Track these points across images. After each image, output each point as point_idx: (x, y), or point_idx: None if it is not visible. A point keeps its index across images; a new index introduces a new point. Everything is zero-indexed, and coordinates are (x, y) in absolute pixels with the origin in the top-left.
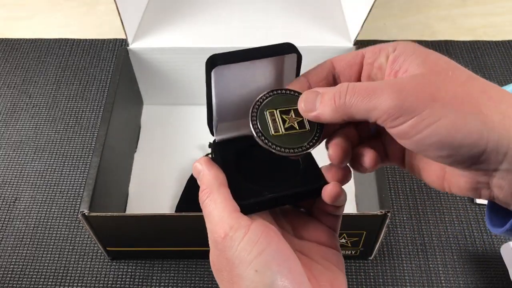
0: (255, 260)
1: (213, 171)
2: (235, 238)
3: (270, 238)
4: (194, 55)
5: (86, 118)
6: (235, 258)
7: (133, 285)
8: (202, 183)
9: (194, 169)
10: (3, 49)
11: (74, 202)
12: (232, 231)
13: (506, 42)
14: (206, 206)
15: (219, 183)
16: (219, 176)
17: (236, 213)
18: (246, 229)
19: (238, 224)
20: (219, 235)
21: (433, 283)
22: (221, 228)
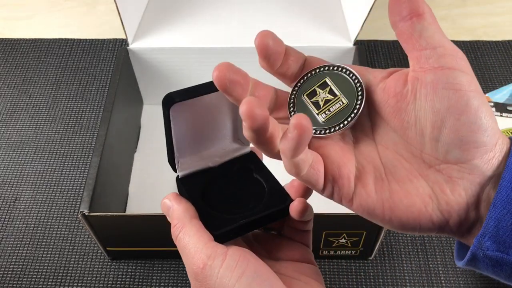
0: (237, 284)
1: (182, 205)
2: (214, 266)
3: (248, 261)
4: (194, 55)
5: (86, 118)
6: (217, 286)
7: (133, 285)
8: (172, 218)
9: (162, 206)
10: (3, 49)
11: (74, 202)
12: (210, 260)
13: (506, 42)
14: (180, 240)
15: (190, 216)
16: (189, 209)
17: (211, 242)
18: (223, 256)
19: (215, 253)
20: (197, 266)
21: (433, 283)
22: (199, 259)
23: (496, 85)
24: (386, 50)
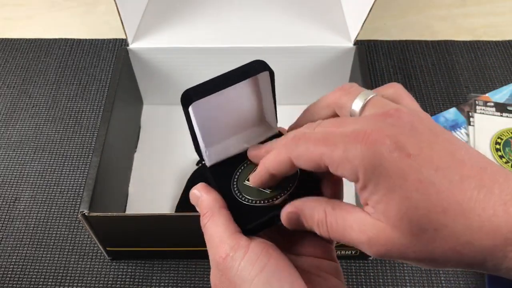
0: (256, 278)
1: (212, 195)
2: (235, 258)
3: (269, 255)
4: (194, 55)
5: (86, 118)
6: (236, 278)
7: (133, 285)
8: (202, 207)
9: (192, 196)
10: (3, 49)
11: (74, 202)
12: (232, 251)
13: (506, 42)
14: (207, 229)
15: (219, 205)
16: (218, 199)
17: (237, 234)
18: (246, 248)
19: (238, 244)
20: (220, 256)
21: (433, 283)
22: (222, 249)
23: (496, 85)
24: (386, 50)
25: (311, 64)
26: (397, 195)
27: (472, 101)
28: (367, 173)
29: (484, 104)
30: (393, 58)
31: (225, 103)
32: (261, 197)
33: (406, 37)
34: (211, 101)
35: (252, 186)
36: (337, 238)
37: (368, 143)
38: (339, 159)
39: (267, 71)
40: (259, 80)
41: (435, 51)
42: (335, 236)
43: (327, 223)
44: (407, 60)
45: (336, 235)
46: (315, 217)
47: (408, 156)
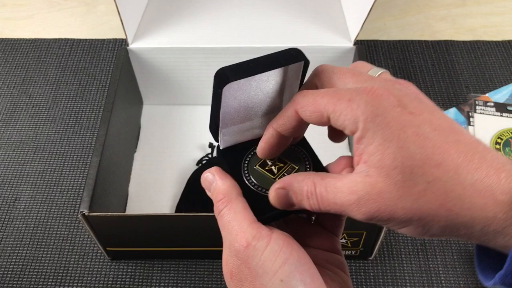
0: (280, 270)
1: (228, 181)
2: (258, 247)
3: (291, 248)
4: (194, 55)
5: (86, 118)
6: (258, 268)
7: (133, 285)
8: (217, 193)
9: (204, 180)
10: (3, 49)
11: (74, 202)
12: (254, 241)
13: (506, 42)
14: (223, 216)
15: (236, 192)
16: (235, 186)
17: (256, 223)
18: (268, 238)
19: (260, 234)
20: (241, 244)
21: (433, 283)
22: (243, 238)
23: (496, 85)
24: (386, 50)
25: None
26: (394, 144)
27: (472, 101)
28: (367, 121)
29: (484, 104)
30: (393, 58)
31: (253, 87)
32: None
33: (406, 37)
34: (243, 84)
35: (263, 172)
36: (327, 207)
37: (373, 96)
38: (343, 108)
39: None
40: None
41: (435, 51)
42: (326, 205)
43: (316, 193)
44: (407, 60)
45: (326, 204)
46: (304, 190)
47: (410, 113)
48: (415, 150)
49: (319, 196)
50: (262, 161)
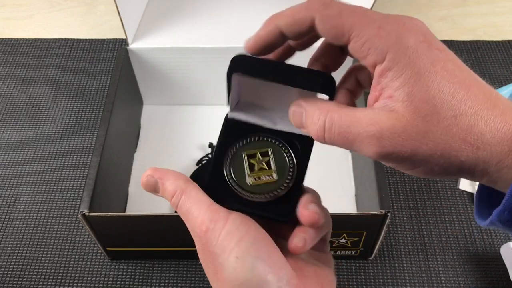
0: (235, 248)
1: (171, 174)
2: (215, 229)
3: (248, 227)
4: (194, 55)
5: (86, 118)
6: (217, 249)
7: (133, 285)
8: (167, 191)
9: (146, 184)
10: (3, 49)
11: (74, 202)
12: (212, 224)
13: (506, 42)
14: (181, 207)
15: (184, 180)
16: (181, 176)
17: (214, 205)
18: (225, 219)
19: (217, 216)
20: (200, 229)
21: (433, 283)
22: (202, 223)
23: (496, 85)
24: None
25: None
26: (425, 78)
27: None
28: (398, 53)
29: None
30: None
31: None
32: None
33: None
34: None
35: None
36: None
37: (404, 28)
38: (371, 34)
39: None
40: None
41: None
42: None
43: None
44: None
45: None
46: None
47: (436, 48)
48: (444, 84)
49: (329, 122)
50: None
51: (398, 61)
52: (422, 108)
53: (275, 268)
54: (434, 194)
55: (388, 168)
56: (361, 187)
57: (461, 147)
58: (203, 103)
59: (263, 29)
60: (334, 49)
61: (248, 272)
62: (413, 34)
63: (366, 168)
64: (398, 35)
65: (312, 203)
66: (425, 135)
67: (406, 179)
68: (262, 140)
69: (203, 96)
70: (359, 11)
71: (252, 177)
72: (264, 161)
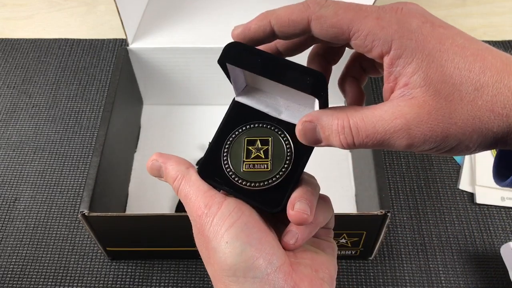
0: (226, 233)
1: (174, 159)
2: (209, 214)
3: (241, 212)
4: (194, 55)
5: (86, 118)
6: (209, 233)
7: (133, 285)
8: (169, 175)
9: (151, 168)
10: (3, 49)
11: (74, 202)
12: (206, 208)
13: (506, 42)
14: (182, 191)
15: (185, 166)
16: (182, 161)
17: (210, 191)
18: (219, 205)
19: (212, 201)
20: (196, 214)
21: (433, 283)
22: (198, 207)
23: None
24: None
25: None
26: (437, 58)
27: None
28: (403, 39)
29: None
30: None
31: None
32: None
33: None
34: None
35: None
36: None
37: (402, 13)
38: (371, 26)
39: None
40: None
41: None
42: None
43: (351, 125)
44: None
45: (365, 135)
46: (334, 124)
47: (440, 26)
48: (458, 60)
49: (354, 128)
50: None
51: (406, 47)
52: (442, 89)
53: (265, 254)
54: (434, 194)
55: (388, 168)
56: (361, 187)
57: (491, 118)
58: (203, 103)
59: (255, 22)
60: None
61: (237, 257)
62: (413, 18)
63: (366, 168)
64: (399, 22)
65: (301, 201)
66: (451, 115)
67: (406, 179)
68: (265, 127)
69: (203, 96)
70: (354, 7)
71: (246, 164)
72: (262, 149)
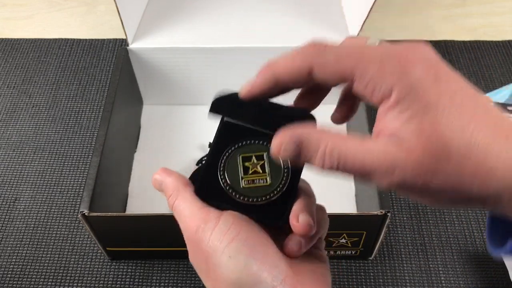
0: (227, 247)
1: (174, 175)
2: (206, 229)
3: (240, 226)
4: (194, 55)
5: (86, 118)
6: (208, 248)
7: (133, 285)
8: (167, 190)
9: (154, 182)
10: (3, 49)
11: (74, 202)
12: (203, 223)
13: (506, 42)
14: (176, 207)
15: (183, 183)
16: (181, 178)
17: (206, 207)
18: (216, 220)
19: (208, 216)
20: (192, 229)
21: (433, 283)
22: (193, 223)
23: (496, 85)
24: None
25: None
26: (433, 114)
27: None
28: (404, 88)
29: None
30: None
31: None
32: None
33: (406, 37)
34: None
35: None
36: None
37: (406, 61)
38: (373, 73)
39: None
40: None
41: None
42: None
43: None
44: None
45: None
46: (321, 146)
47: (442, 80)
48: (453, 119)
49: (343, 155)
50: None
51: (404, 97)
52: (430, 145)
53: (269, 267)
54: None
55: None
56: (361, 187)
57: (473, 181)
58: (203, 103)
59: (260, 77)
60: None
61: (241, 271)
62: (417, 67)
63: None
64: (401, 71)
65: (303, 213)
66: (435, 172)
67: None
68: (257, 143)
69: (203, 96)
70: (356, 52)
71: (245, 180)
72: (258, 164)
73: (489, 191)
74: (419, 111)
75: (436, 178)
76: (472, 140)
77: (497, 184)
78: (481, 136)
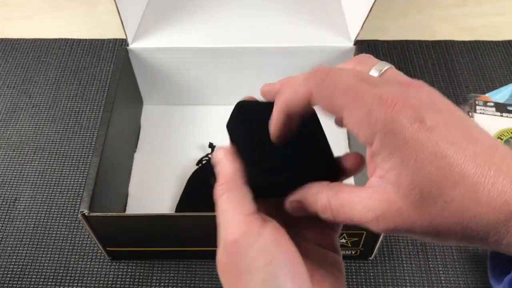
0: (263, 269)
1: (234, 166)
2: (245, 244)
3: (280, 247)
4: (194, 55)
5: (86, 118)
6: (243, 264)
7: (133, 285)
8: (221, 175)
9: (215, 156)
10: (3, 49)
11: (74, 202)
12: (243, 237)
13: (506, 42)
14: (222, 202)
15: (240, 181)
16: (239, 172)
17: (250, 216)
18: (257, 236)
19: (249, 230)
20: (230, 239)
21: (433, 283)
22: (233, 232)
23: (496, 85)
24: (386, 50)
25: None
26: (411, 165)
27: (472, 101)
28: (385, 139)
29: (484, 104)
30: (393, 58)
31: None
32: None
33: (406, 37)
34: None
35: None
36: (342, 221)
37: (393, 112)
38: (360, 118)
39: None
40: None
41: (435, 51)
42: (342, 219)
43: (331, 208)
44: (407, 60)
45: (343, 219)
46: (318, 203)
47: (427, 129)
48: (433, 171)
49: (335, 211)
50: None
51: (386, 147)
52: (410, 195)
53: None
54: None
55: None
56: None
57: (455, 229)
58: (203, 103)
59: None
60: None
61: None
62: (403, 116)
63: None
64: (387, 121)
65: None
66: (416, 219)
67: None
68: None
69: (203, 96)
70: (352, 92)
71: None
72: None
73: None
74: (399, 163)
75: (418, 225)
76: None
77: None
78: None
